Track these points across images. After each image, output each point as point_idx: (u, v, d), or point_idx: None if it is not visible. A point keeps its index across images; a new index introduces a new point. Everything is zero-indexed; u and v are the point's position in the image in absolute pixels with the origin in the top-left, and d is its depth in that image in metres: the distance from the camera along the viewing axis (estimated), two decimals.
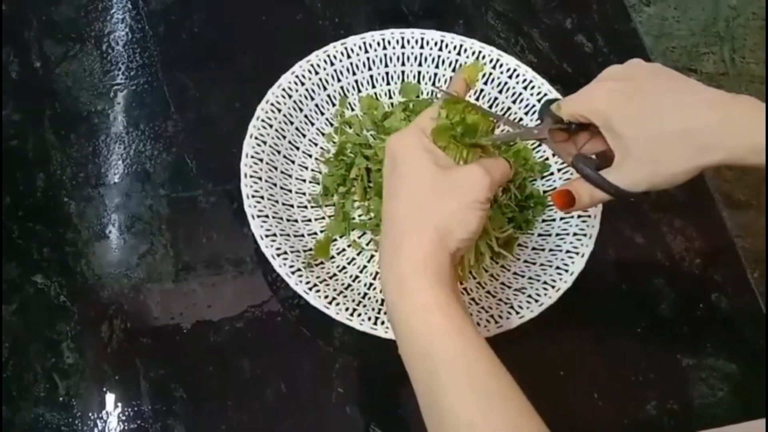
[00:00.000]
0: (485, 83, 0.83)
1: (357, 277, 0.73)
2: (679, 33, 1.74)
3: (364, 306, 0.69)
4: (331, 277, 0.71)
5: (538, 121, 0.63)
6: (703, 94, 0.54)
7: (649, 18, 1.76)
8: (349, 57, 0.82)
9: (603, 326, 0.76)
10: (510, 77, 0.82)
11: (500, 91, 0.82)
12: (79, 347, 0.70)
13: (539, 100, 0.81)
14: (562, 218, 0.76)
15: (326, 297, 0.68)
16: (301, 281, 0.68)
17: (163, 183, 0.80)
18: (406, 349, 0.50)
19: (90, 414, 0.67)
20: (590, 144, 0.62)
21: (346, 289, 0.71)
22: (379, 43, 0.83)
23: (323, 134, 0.82)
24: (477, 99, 0.83)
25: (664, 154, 0.54)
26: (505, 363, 0.50)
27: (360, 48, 0.83)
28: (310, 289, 0.68)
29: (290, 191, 0.77)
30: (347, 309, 0.67)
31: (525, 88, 0.81)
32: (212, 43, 0.91)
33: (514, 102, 0.82)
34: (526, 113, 0.81)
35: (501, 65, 0.82)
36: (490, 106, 0.83)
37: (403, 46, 0.83)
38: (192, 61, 0.89)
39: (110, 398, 0.68)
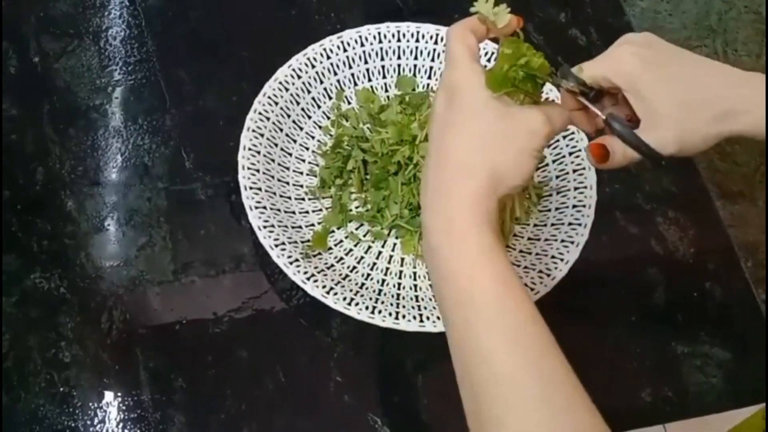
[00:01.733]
0: None
1: (354, 267, 0.74)
2: (672, 26, 1.75)
3: (362, 296, 0.69)
4: (328, 268, 0.72)
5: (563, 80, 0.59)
6: (724, 66, 0.55)
7: (642, 12, 1.77)
8: (345, 51, 0.83)
9: (598, 315, 0.77)
10: None
11: None
12: (78, 338, 0.71)
13: None
14: (557, 209, 0.76)
15: (324, 287, 0.68)
16: (299, 271, 0.68)
17: (161, 176, 0.80)
18: (445, 291, 0.48)
19: (90, 404, 0.68)
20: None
21: (343, 279, 0.72)
22: (375, 37, 0.84)
23: (320, 127, 0.82)
24: None
25: (689, 118, 0.54)
26: None
27: (356, 42, 0.83)
28: (308, 279, 0.68)
29: (287, 183, 0.78)
30: (345, 298, 0.68)
31: None
32: (209, 38, 0.91)
33: None
34: None
35: (497, 58, 0.83)
36: None
37: (399, 40, 0.84)
38: (189, 56, 0.89)
39: (110, 388, 0.69)
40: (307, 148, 0.81)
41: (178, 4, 0.93)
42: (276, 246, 0.70)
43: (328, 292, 0.68)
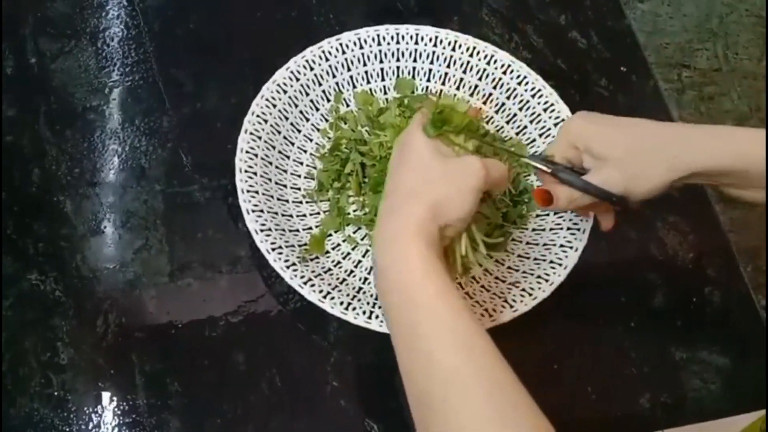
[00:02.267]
0: (479, 79, 0.83)
1: (352, 271, 0.74)
2: (673, 29, 1.75)
3: (359, 300, 0.69)
4: (325, 272, 0.72)
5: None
6: (669, 123, 0.64)
7: (642, 14, 1.77)
8: (343, 53, 0.83)
9: (596, 320, 0.76)
10: (504, 73, 0.82)
11: (495, 87, 0.83)
12: (74, 342, 0.70)
13: (533, 96, 0.81)
14: (556, 213, 0.76)
15: (321, 291, 0.68)
16: (295, 275, 0.68)
17: (158, 178, 0.80)
18: (392, 299, 0.53)
19: (85, 408, 0.67)
20: None
21: (340, 283, 0.71)
22: (374, 39, 0.83)
23: (318, 130, 0.82)
24: (471, 95, 0.84)
25: (636, 159, 0.61)
26: None
27: (355, 44, 0.83)
28: (305, 283, 0.68)
29: (285, 186, 0.77)
30: (342, 303, 0.67)
31: (519, 83, 0.82)
32: (207, 39, 0.91)
33: (508, 98, 0.82)
34: (520, 109, 0.82)
35: (495, 61, 0.82)
36: (485, 102, 0.83)
37: (398, 42, 0.84)
38: (187, 57, 0.89)
39: (105, 393, 0.68)
40: (305, 151, 0.81)
41: (176, 5, 0.93)
42: (273, 250, 0.69)
43: (324, 297, 0.67)
